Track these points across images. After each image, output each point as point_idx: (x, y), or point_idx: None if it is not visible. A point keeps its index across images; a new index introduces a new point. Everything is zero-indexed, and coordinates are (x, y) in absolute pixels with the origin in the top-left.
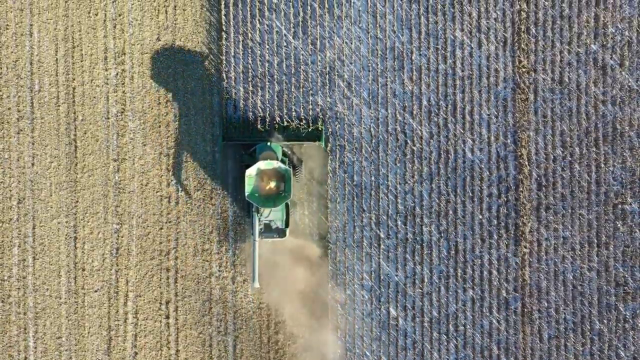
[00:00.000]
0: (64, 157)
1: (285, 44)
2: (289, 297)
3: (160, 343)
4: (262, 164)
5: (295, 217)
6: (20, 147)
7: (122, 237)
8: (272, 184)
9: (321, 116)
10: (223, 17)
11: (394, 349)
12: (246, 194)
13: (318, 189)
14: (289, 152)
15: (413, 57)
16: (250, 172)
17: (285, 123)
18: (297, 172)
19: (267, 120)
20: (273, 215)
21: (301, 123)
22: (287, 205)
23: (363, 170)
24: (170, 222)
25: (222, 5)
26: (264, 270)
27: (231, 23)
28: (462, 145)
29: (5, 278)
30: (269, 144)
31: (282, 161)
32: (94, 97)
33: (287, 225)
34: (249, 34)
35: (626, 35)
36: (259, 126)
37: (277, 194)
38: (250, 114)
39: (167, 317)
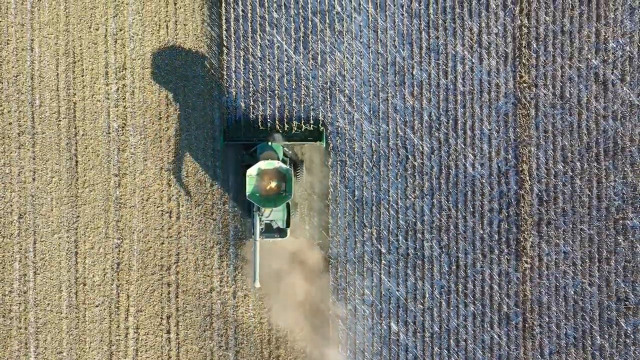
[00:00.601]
0: (65, 172)
1: (286, 59)
2: (289, 311)
3: (161, 358)
4: (263, 164)
5: (296, 234)
6: (21, 162)
7: (123, 252)
8: (273, 184)
9: (322, 118)
10: (224, 32)
11: None
12: (247, 193)
13: (319, 204)
14: (290, 152)
15: (414, 72)
16: (251, 172)
17: (286, 126)
18: (298, 172)
19: (269, 124)
20: (274, 215)
21: (302, 124)
22: (288, 205)
23: (364, 185)
24: (171, 237)
25: (223, 20)
26: (263, 285)
27: (232, 38)
28: (463, 160)
29: (7, 293)
30: (269, 143)
31: (283, 161)
32: (95, 112)
33: (288, 225)
34: (250, 49)
35: (627, 51)
36: (259, 126)
37: (278, 193)
38: (251, 128)
39: (168, 332)
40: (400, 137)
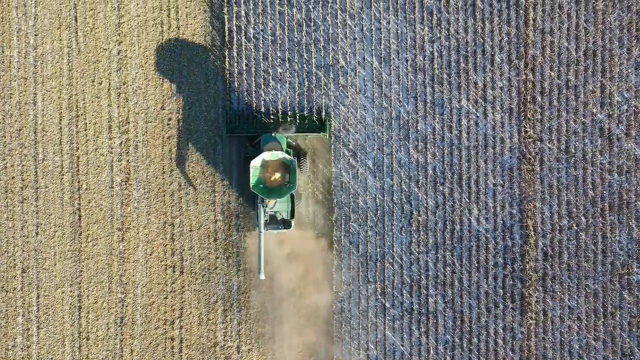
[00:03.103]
0: (68, 226)
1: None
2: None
3: None
4: (266, 155)
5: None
6: (24, 216)
7: (126, 306)
8: (277, 175)
9: (325, 108)
10: (227, 86)
11: None
12: (251, 185)
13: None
14: (294, 143)
15: (418, 126)
16: (255, 162)
17: (289, 119)
18: (302, 164)
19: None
20: (278, 206)
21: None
22: (292, 197)
23: (368, 240)
24: (174, 291)
25: (227, 76)
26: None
27: (236, 93)
28: (468, 215)
29: (10, 347)
30: (273, 135)
31: (287, 152)
32: (98, 166)
33: (292, 216)
34: (254, 104)
35: (632, 105)
36: (262, 118)
37: (282, 185)
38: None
39: None
40: (405, 191)
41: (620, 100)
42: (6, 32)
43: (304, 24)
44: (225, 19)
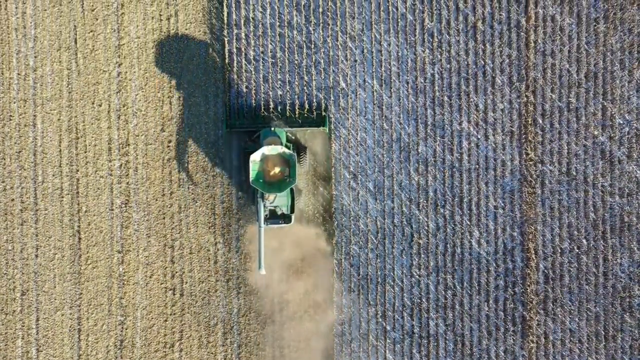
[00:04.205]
0: (67, 248)
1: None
2: None
3: None
4: (266, 149)
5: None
6: (24, 239)
7: (126, 329)
8: (277, 170)
9: (324, 101)
10: (227, 109)
11: None
12: (251, 179)
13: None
14: (293, 138)
15: (419, 149)
16: (255, 157)
17: (289, 113)
18: (302, 158)
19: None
20: (278, 201)
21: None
22: (292, 191)
23: (369, 263)
24: (174, 314)
25: (227, 99)
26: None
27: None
28: (469, 238)
29: None
30: (272, 129)
31: (286, 147)
32: (98, 189)
33: (292, 211)
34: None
35: (634, 127)
36: (262, 113)
37: (282, 179)
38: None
39: None
40: (405, 214)
41: (621, 122)
42: (6, 54)
43: (305, 46)
44: (225, 41)
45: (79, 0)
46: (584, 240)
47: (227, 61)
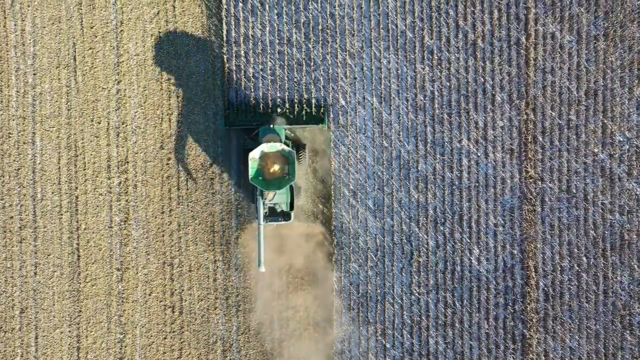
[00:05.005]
0: (66, 266)
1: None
2: None
3: None
4: (265, 147)
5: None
6: (23, 256)
7: (125, 346)
8: (276, 167)
9: (323, 98)
10: (228, 128)
11: None
12: (250, 177)
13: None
14: (292, 135)
15: (419, 166)
16: (254, 154)
17: (287, 110)
18: (301, 155)
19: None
20: (277, 198)
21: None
22: (291, 188)
23: (369, 280)
24: (174, 331)
25: (227, 117)
26: None
27: (235, 135)
28: (469, 255)
29: None
30: (271, 126)
31: (286, 144)
32: (97, 206)
33: (291, 208)
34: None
35: (634, 144)
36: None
37: (281, 177)
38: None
39: None
40: (405, 232)
41: (621, 139)
42: (5, 71)
43: (304, 63)
44: (225, 59)
45: (78, 17)
46: (584, 258)
47: (226, 78)
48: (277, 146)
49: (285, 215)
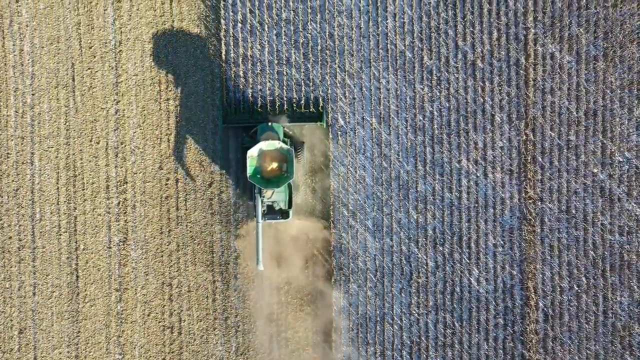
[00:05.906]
0: (65, 286)
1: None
2: None
3: None
4: (263, 145)
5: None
6: (21, 277)
7: None
8: (274, 165)
9: (322, 95)
10: (226, 145)
11: None
12: (248, 175)
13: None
14: (291, 133)
15: (418, 187)
16: (252, 152)
17: (286, 108)
18: (299, 153)
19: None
20: (276, 196)
21: (302, 105)
22: (289, 186)
23: (368, 301)
24: (173, 352)
25: (225, 136)
26: None
27: (235, 152)
28: (468, 276)
29: None
30: (270, 124)
31: (284, 142)
32: (96, 226)
33: (290, 206)
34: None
35: (634, 165)
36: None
37: (279, 175)
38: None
39: None
40: (404, 252)
41: (621, 160)
42: (3, 91)
43: (303, 83)
44: (224, 79)
45: (77, 37)
46: (584, 279)
47: (225, 99)
48: (276, 144)
49: (284, 214)
